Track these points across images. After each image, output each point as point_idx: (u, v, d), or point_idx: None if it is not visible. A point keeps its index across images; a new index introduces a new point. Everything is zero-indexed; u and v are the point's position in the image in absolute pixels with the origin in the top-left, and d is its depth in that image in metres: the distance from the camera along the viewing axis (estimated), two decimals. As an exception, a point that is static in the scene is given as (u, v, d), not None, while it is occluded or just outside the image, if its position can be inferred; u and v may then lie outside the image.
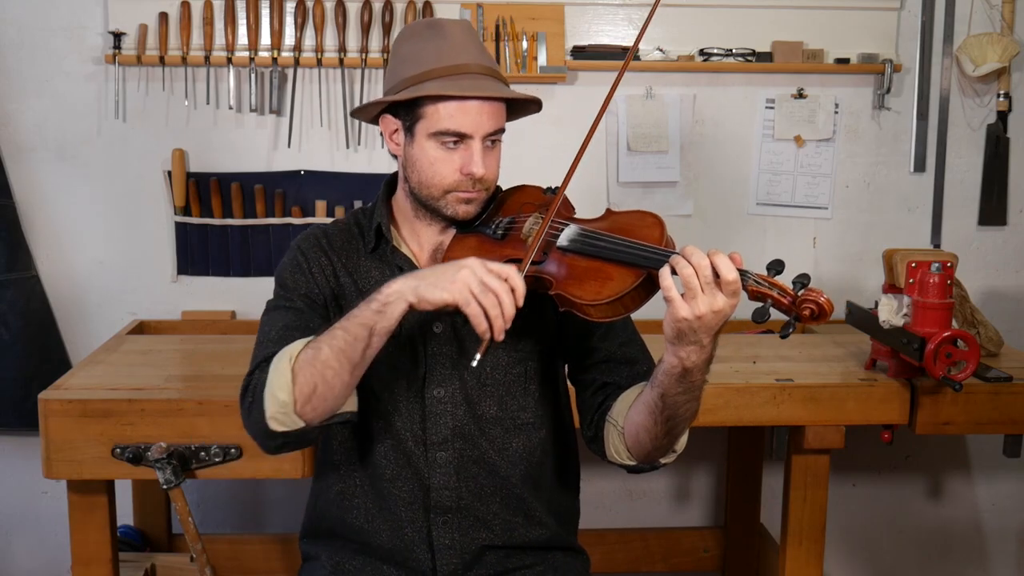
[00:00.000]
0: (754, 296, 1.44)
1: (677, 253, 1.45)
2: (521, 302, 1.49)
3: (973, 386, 2.33)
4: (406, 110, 1.68)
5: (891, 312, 2.31)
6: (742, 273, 1.42)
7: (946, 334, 2.22)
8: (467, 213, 1.71)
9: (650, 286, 1.51)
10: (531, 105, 1.75)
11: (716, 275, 1.41)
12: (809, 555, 2.47)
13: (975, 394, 2.35)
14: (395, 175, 1.81)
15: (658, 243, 1.52)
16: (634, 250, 1.52)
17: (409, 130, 1.68)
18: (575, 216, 1.68)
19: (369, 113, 1.76)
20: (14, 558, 3.16)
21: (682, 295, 1.43)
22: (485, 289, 1.47)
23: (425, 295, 1.50)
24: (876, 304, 2.36)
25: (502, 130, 1.70)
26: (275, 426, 1.56)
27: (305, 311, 1.71)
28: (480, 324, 1.48)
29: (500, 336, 1.48)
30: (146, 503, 2.95)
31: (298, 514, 1.96)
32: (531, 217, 1.69)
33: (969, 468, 3.30)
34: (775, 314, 1.44)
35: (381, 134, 1.76)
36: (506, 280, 1.48)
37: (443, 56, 1.65)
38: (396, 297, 1.51)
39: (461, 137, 1.65)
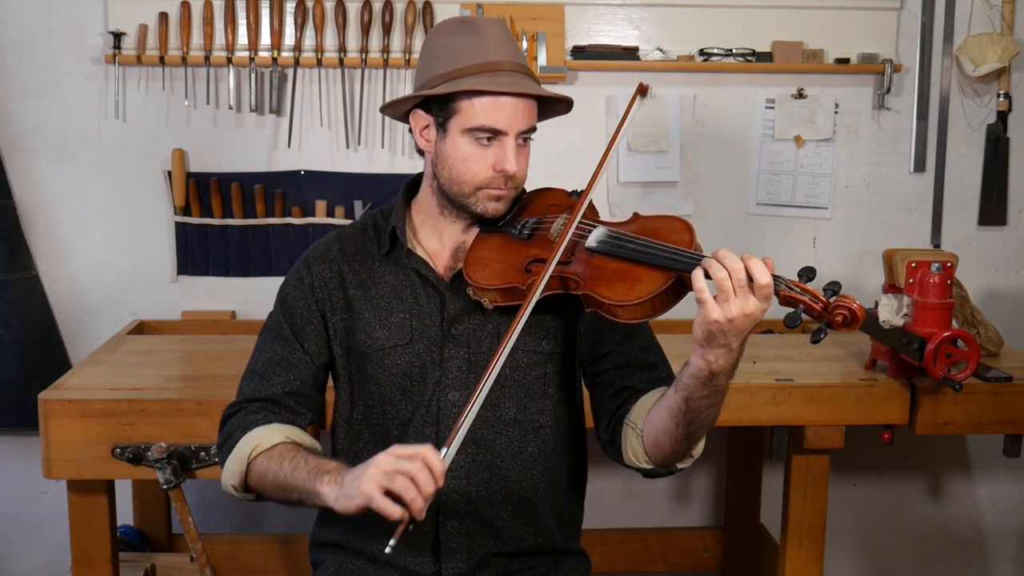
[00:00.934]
0: (785, 301, 1.44)
1: (709, 256, 1.45)
2: (441, 476, 1.44)
3: (973, 386, 2.34)
4: (439, 105, 1.67)
5: (891, 312, 2.31)
6: (775, 278, 1.43)
7: (946, 334, 2.22)
8: (496, 211, 1.70)
9: (679, 289, 1.51)
10: (561, 106, 1.75)
11: (750, 279, 1.42)
12: (809, 555, 2.47)
13: (975, 394, 2.35)
14: (417, 177, 1.81)
15: (688, 247, 1.52)
16: (666, 253, 1.52)
17: (442, 126, 1.68)
18: (600, 219, 1.68)
19: (400, 108, 1.75)
20: (14, 558, 3.16)
21: (714, 297, 1.43)
22: (393, 475, 1.44)
23: (342, 507, 1.51)
24: (876, 304, 2.36)
25: (534, 128, 1.71)
26: (229, 491, 1.74)
27: (290, 340, 1.75)
28: (392, 512, 1.43)
29: (420, 516, 1.44)
30: (146, 503, 2.95)
31: (298, 514, 1.96)
32: (559, 218, 1.68)
33: (969, 468, 3.30)
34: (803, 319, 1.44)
35: (410, 130, 1.75)
36: (417, 458, 1.44)
37: (479, 53, 1.65)
38: (324, 498, 1.54)
39: (495, 133, 1.65)
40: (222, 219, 3.00)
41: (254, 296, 3.01)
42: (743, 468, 3.09)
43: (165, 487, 2.15)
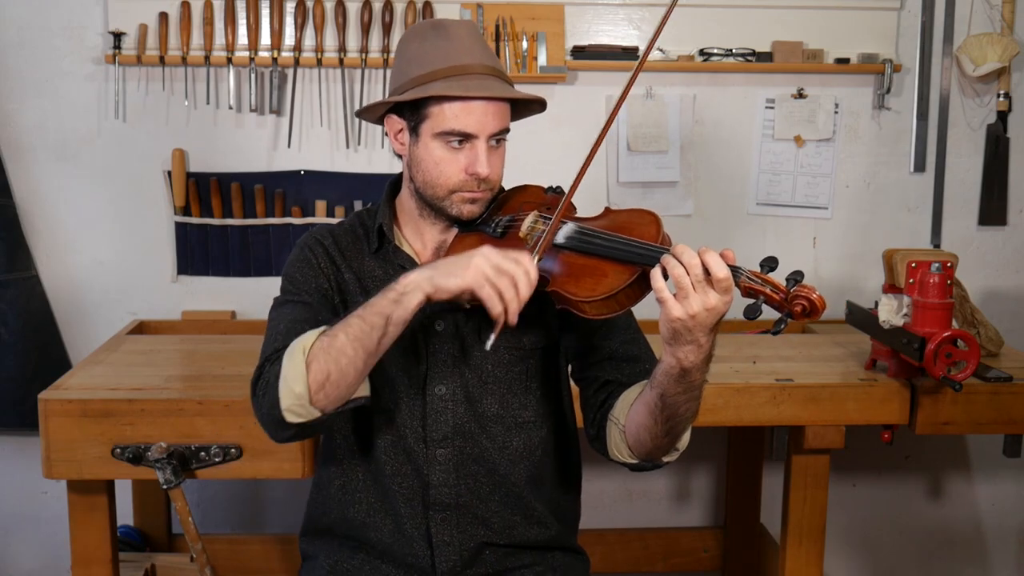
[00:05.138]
0: (746, 293, 1.44)
1: (668, 251, 1.45)
2: (534, 286, 1.51)
3: (973, 386, 2.33)
4: (411, 110, 1.68)
5: (891, 312, 2.31)
6: (734, 270, 1.42)
7: (946, 334, 2.22)
8: (471, 213, 1.71)
9: (645, 283, 1.51)
10: (535, 105, 1.76)
11: (707, 273, 1.41)
12: (809, 555, 2.47)
13: (975, 394, 2.35)
14: (399, 176, 1.82)
15: (654, 240, 1.52)
16: (628, 247, 1.52)
17: (414, 130, 1.69)
18: (575, 215, 1.68)
19: (374, 113, 1.76)
20: (14, 558, 3.16)
21: (675, 295, 1.43)
22: (499, 272, 1.49)
23: (441, 283, 1.51)
24: (876, 304, 2.36)
25: (507, 130, 1.71)
26: (291, 418, 1.55)
27: (314, 305, 1.71)
28: (495, 306, 1.49)
29: (514, 319, 1.50)
30: (146, 503, 2.95)
31: (298, 514, 1.96)
32: (530, 216, 1.69)
33: (969, 468, 3.30)
34: (768, 311, 1.43)
35: (385, 134, 1.77)
36: (519, 264, 1.50)
37: (449, 56, 1.66)
38: (413, 287, 1.53)
39: (466, 137, 1.66)
40: (222, 219, 3.00)
41: (254, 296, 3.01)
42: (743, 468, 3.09)
43: (165, 487, 2.15)
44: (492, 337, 1.51)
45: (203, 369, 2.48)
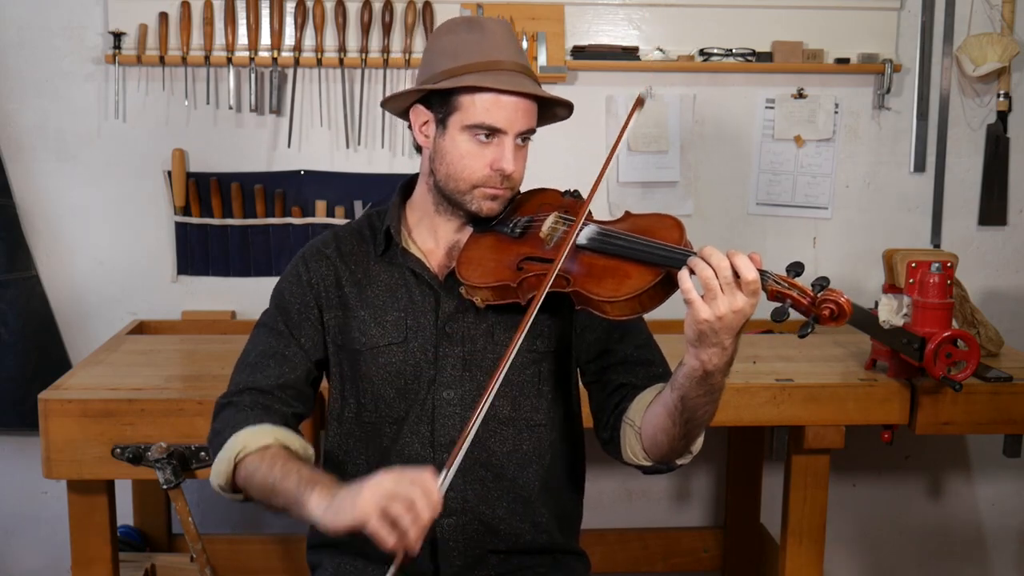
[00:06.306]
0: (773, 296, 1.44)
1: (695, 253, 1.45)
2: (438, 508, 1.38)
3: (973, 386, 2.34)
4: (440, 101, 1.68)
5: (891, 312, 2.31)
6: (762, 273, 1.42)
7: (946, 334, 2.22)
8: (491, 210, 1.70)
9: (668, 285, 1.51)
10: (560, 111, 1.76)
11: (736, 275, 1.41)
12: (809, 555, 2.47)
13: (975, 394, 2.35)
14: (412, 178, 1.81)
15: (677, 244, 1.53)
16: (653, 249, 1.52)
17: (442, 122, 1.68)
18: (593, 218, 1.68)
19: (402, 103, 1.75)
20: (14, 558, 3.16)
21: (702, 296, 1.42)
22: (393, 498, 1.38)
23: (329, 522, 1.44)
24: (876, 304, 2.36)
25: (533, 131, 1.71)
26: (220, 492, 1.66)
27: (285, 335, 1.74)
28: (386, 540, 1.37)
29: (415, 550, 1.38)
30: (146, 503, 2.95)
31: (298, 514, 1.95)
32: (550, 217, 1.69)
33: (969, 468, 3.30)
34: (794, 315, 1.44)
35: (409, 127, 1.76)
36: (417, 484, 1.39)
37: (483, 51, 1.66)
38: (310, 509, 1.48)
39: (494, 132, 1.65)
40: (222, 219, 3.00)
41: (254, 296, 3.01)
42: (743, 468, 3.09)
43: (165, 487, 2.15)
44: (391, 571, 1.39)
45: (203, 369, 2.48)
